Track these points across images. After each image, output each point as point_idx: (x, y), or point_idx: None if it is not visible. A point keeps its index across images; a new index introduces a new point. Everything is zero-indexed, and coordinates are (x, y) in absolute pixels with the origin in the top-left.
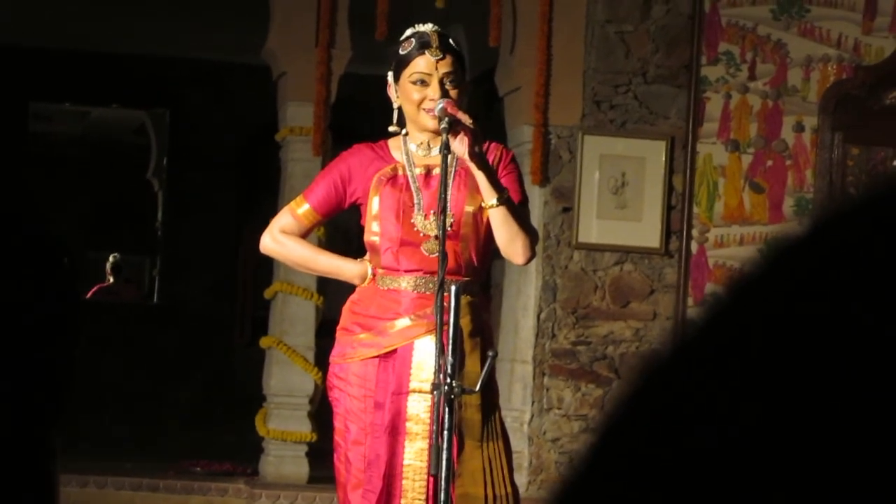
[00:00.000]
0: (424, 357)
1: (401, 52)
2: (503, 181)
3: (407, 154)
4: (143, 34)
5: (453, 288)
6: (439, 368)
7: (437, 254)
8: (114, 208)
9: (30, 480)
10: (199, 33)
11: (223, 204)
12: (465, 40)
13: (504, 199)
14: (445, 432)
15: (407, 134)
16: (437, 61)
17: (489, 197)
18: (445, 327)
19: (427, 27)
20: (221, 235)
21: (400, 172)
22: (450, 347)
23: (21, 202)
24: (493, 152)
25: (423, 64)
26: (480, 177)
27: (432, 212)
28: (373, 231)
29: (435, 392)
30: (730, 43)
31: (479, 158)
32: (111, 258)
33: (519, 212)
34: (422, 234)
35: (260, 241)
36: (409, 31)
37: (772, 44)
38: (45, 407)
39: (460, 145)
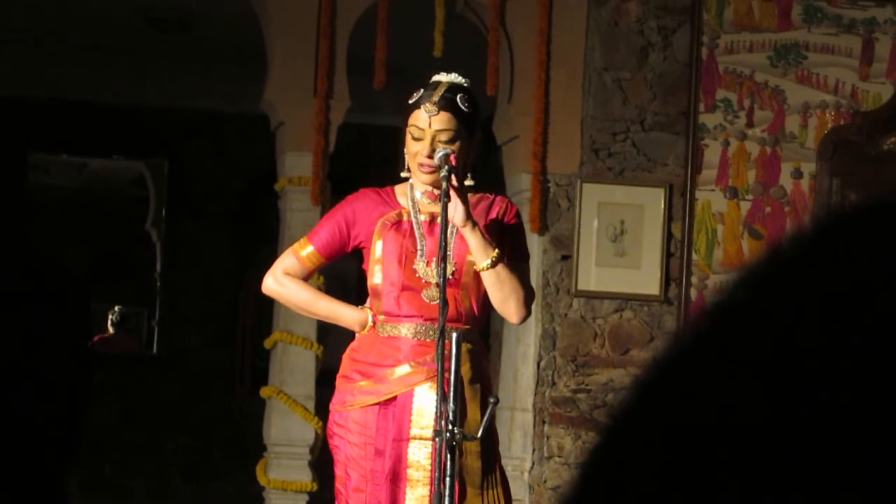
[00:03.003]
0: (424, 404)
1: (409, 101)
2: (506, 237)
3: (413, 200)
4: (141, 85)
5: (454, 335)
6: (441, 415)
7: (437, 301)
8: (112, 259)
9: None
10: (197, 83)
11: (222, 254)
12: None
13: (495, 262)
14: (448, 479)
15: (414, 179)
16: (431, 117)
17: (480, 259)
18: (446, 374)
19: (445, 77)
20: (220, 285)
21: (405, 218)
22: (451, 394)
23: (31, 246)
24: (497, 205)
25: (418, 118)
26: (472, 241)
27: (434, 259)
28: (375, 275)
29: (437, 438)
30: (727, 90)
31: (471, 225)
32: (115, 310)
33: (513, 272)
34: (423, 281)
35: (262, 282)
36: (434, 77)
37: (769, 90)
38: (60, 442)
39: (454, 213)
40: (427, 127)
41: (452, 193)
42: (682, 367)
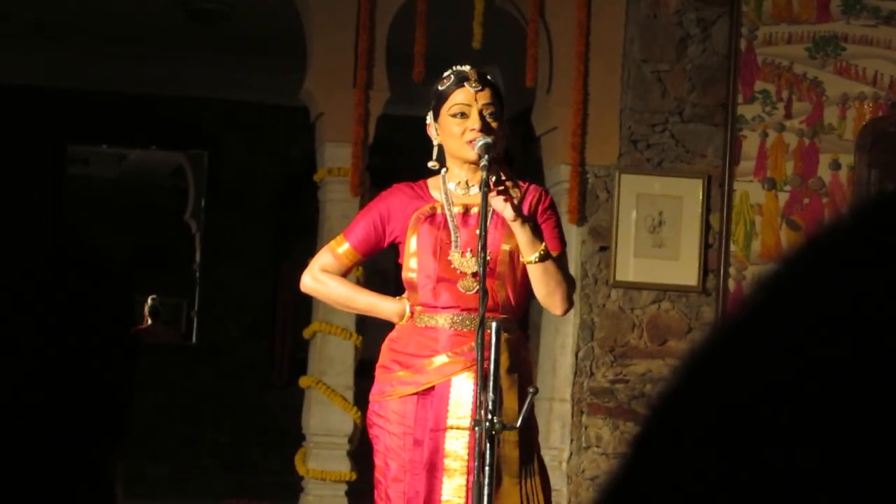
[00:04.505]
0: (462, 394)
1: (440, 88)
2: (542, 227)
3: (446, 193)
4: (180, 76)
5: (494, 325)
6: (480, 405)
7: (473, 291)
8: (151, 250)
9: (90, 498)
10: (237, 75)
11: (261, 244)
12: (502, 81)
13: (542, 257)
14: (487, 468)
15: (447, 171)
16: (476, 93)
17: (528, 253)
18: (485, 363)
19: (466, 67)
20: (259, 276)
21: (438, 211)
22: (491, 384)
23: (75, 233)
24: (531, 194)
25: (462, 96)
26: (521, 235)
27: (469, 249)
28: (410, 268)
29: (476, 428)
30: (766, 81)
31: (521, 221)
32: (150, 300)
33: (557, 265)
34: (458, 272)
35: (300, 281)
36: (448, 71)
37: (808, 82)
38: (107, 425)
39: (503, 207)
40: (473, 102)
41: (501, 190)
42: (721, 356)
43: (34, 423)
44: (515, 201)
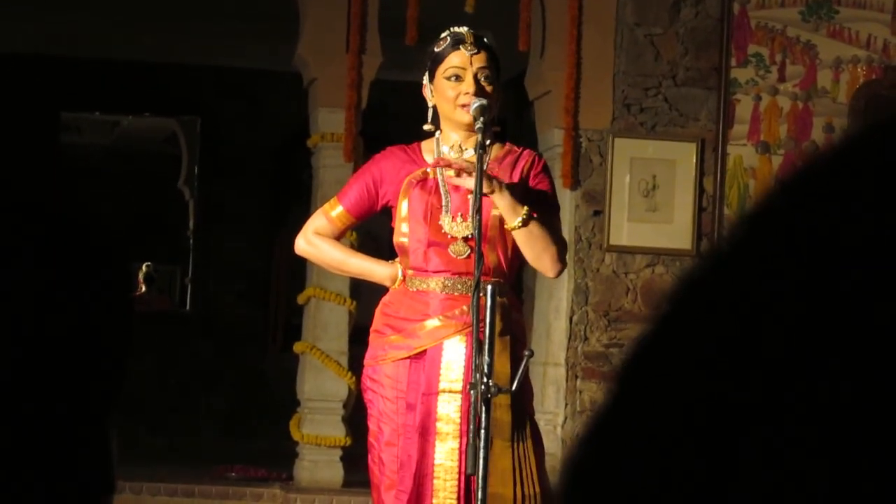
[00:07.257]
0: (453, 358)
1: (436, 49)
2: (534, 190)
3: (438, 156)
4: (173, 43)
5: (489, 288)
6: (476, 368)
7: (464, 256)
8: (144, 218)
9: (87, 458)
10: (230, 41)
11: (255, 211)
12: (495, 45)
13: (525, 221)
14: (482, 431)
15: (441, 134)
16: (472, 56)
17: (510, 220)
18: (480, 326)
19: (462, 28)
20: (253, 243)
21: (431, 175)
22: (486, 347)
23: (72, 202)
24: (524, 159)
25: (457, 59)
26: (500, 202)
27: (460, 214)
28: (402, 232)
29: (472, 391)
30: (759, 45)
31: (498, 190)
32: (144, 267)
33: (545, 227)
34: (449, 236)
35: (294, 243)
36: (444, 33)
37: (801, 45)
38: (104, 391)
39: (464, 184)
40: (468, 66)
41: (460, 172)
42: (700, 291)
43: (31, 389)
44: (466, 177)
